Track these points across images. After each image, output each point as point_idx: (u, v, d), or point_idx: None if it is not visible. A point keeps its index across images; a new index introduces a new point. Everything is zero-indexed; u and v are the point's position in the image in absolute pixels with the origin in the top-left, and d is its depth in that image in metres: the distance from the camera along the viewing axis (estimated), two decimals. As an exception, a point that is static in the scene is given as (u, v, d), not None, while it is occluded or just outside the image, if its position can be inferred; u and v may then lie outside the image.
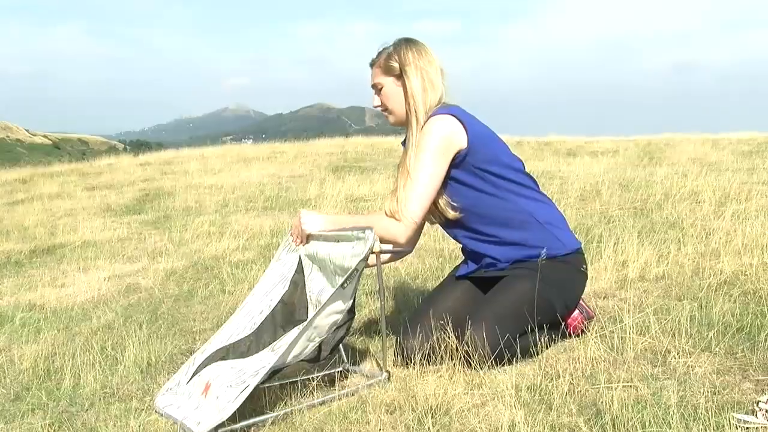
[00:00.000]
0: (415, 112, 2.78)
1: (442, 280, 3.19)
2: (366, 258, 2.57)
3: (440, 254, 4.44)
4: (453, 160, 2.74)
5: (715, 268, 3.58)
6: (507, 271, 2.85)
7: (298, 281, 2.93)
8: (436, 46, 2.96)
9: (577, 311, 2.90)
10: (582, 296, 2.94)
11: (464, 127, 2.74)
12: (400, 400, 2.39)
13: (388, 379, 2.61)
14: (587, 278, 2.95)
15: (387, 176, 8.43)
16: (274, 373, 2.49)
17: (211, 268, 4.58)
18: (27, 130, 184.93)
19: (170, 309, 3.76)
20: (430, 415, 2.25)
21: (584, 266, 2.92)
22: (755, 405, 2.13)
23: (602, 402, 2.27)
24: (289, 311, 2.89)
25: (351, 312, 2.66)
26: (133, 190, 8.94)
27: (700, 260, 3.79)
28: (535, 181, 2.93)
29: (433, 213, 2.88)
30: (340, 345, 2.72)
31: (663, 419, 2.11)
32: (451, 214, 2.83)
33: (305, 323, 2.53)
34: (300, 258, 2.95)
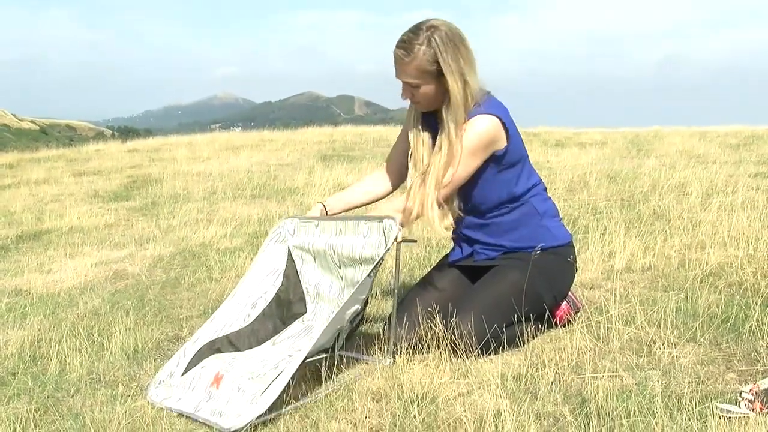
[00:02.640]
0: (453, 119, 2.69)
1: (429, 269, 3.19)
2: (390, 248, 2.59)
3: (427, 243, 4.45)
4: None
5: (701, 260, 3.60)
6: (497, 260, 2.86)
7: (290, 275, 2.93)
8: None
9: (564, 302, 2.91)
10: (570, 288, 2.96)
11: (506, 130, 2.75)
12: (386, 388, 2.39)
13: (392, 364, 2.61)
14: (576, 271, 2.97)
15: (375, 165, 8.40)
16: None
17: (199, 256, 4.57)
18: (14, 115, 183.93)
19: (157, 296, 3.75)
20: (416, 404, 2.26)
21: (574, 259, 2.94)
22: (738, 395, 2.15)
23: (587, 391, 2.29)
24: (287, 305, 2.90)
25: (366, 300, 2.68)
26: (120, 177, 8.90)
27: (686, 252, 3.81)
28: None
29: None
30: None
31: (647, 409, 2.13)
32: (455, 210, 2.83)
33: (337, 312, 2.51)
34: (289, 249, 2.95)
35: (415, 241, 3.02)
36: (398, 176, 3.08)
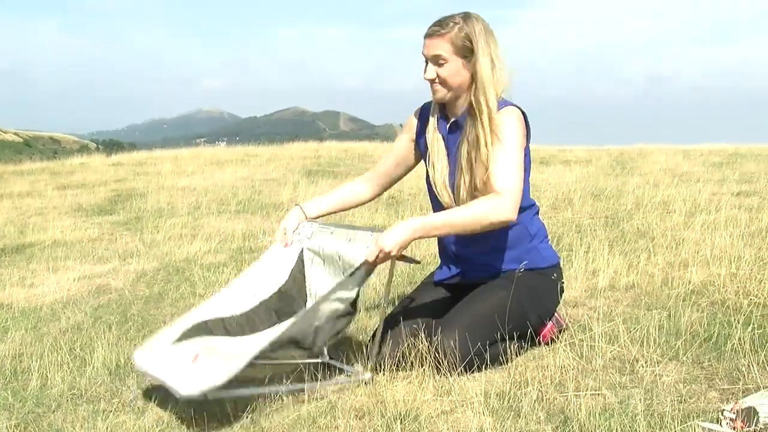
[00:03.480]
0: (486, 99, 2.65)
1: (415, 286, 3.19)
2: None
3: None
4: None
5: (684, 278, 3.62)
6: (484, 279, 2.86)
7: (296, 274, 2.93)
8: (413, 54, 2.93)
9: (549, 321, 2.92)
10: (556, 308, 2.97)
11: (527, 127, 2.76)
12: (369, 405, 2.39)
13: (372, 380, 2.60)
14: (563, 292, 2.97)
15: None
16: (265, 357, 2.47)
17: (182, 271, 4.56)
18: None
19: (140, 311, 3.74)
20: (399, 421, 2.26)
21: (561, 280, 2.95)
22: (720, 413, 2.16)
23: (570, 410, 2.29)
24: (287, 302, 2.89)
25: (353, 306, 2.65)
26: (105, 190, 8.87)
27: (669, 270, 3.83)
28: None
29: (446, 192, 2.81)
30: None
31: (630, 427, 2.14)
32: (447, 198, 2.79)
33: (310, 307, 2.52)
34: (302, 251, 2.96)
35: (418, 262, 2.97)
36: (382, 186, 3.08)
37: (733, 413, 2.12)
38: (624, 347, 2.78)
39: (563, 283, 2.97)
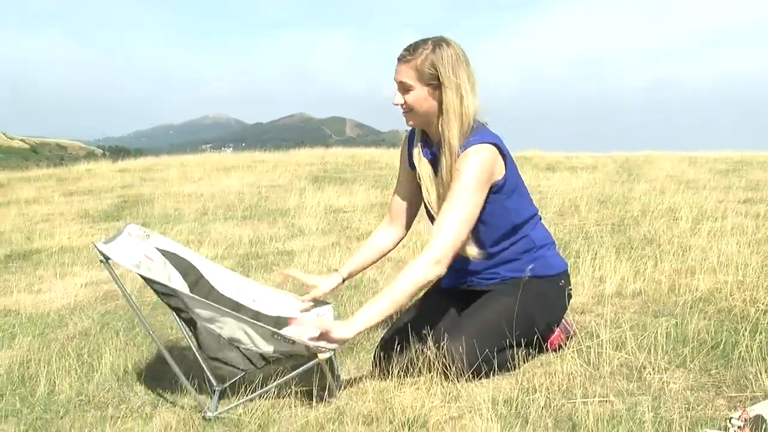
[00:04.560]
0: (449, 132, 2.63)
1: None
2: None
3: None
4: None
5: (691, 285, 3.61)
6: (491, 286, 2.87)
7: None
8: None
9: (557, 328, 2.92)
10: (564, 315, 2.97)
11: (504, 159, 2.72)
12: (377, 411, 2.39)
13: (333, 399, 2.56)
14: (570, 298, 2.97)
15: (367, 188, 8.42)
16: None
17: (189, 277, 4.56)
18: (4, 134, 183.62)
19: (147, 317, 3.74)
20: (407, 427, 2.26)
21: (569, 288, 2.95)
22: (728, 421, 2.16)
23: (578, 416, 2.29)
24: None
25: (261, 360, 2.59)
26: (111, 197, 8.89)
27: (676, 277, 3.82)
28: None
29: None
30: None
31: (637, 434, 2.13)
32: (475, 251, 2.76)
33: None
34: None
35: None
36: (405, 223, 3.07)
37: (741, 421, 2.12)
38: (631, 354, 2.77)
39: (571, 289, 2.97)
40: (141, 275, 2.41)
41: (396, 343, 2.76)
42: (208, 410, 2.47)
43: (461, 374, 2.60)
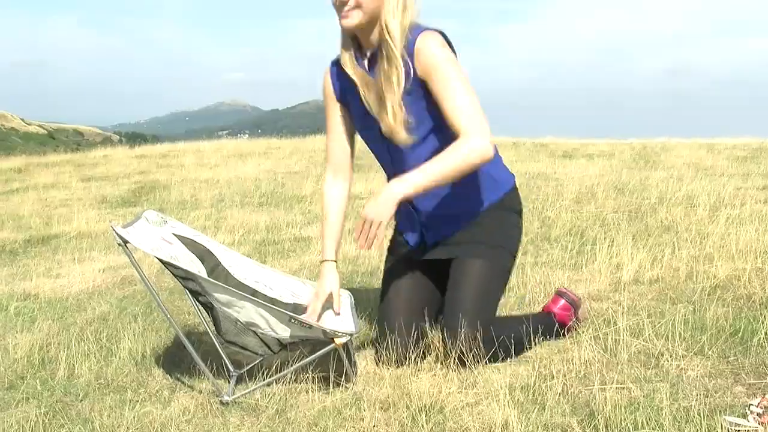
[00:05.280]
0: (393, 26, 2.50)
1: (384, 268, 3.05)
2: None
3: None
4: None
5: (709, 273, 3.60)
6: (452, 247, 2.80)
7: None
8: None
9: (563, 301, 2.91)
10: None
11: (451, 47, 2.60)
12: (394, 397, 2.40)
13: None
14: (522, 214, 2.93)
15: (382, 174, 8.38)
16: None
17: (206, 262, 4.58)
18: (22, 119, 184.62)
19: (165, 302, 3.75)
20: (424, 413, 2.26)
21: (520, 205, 2.90)
22: (746, 408, 2.15)
23: (595, 403, 2.28)
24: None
25: (278, 345, 2.62)
26: (128, 182, 8.94)
27: (694, 264, 3.80)
28: None
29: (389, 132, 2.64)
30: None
31: (655, 421, 2.13)
32: (403, 134, 2.61)
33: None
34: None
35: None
36: (347, 170, 2.95)
37: (761, 408, 2.11)
38: (649, 341, 2.77)
39: (522, 206, 2.92)
40: (159, 258, 2.42)
41: (395, 335, 2.73)
42: (226, 394, 2.49)
43: (480, 359, 2.59)
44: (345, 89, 2.77)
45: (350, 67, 2.65)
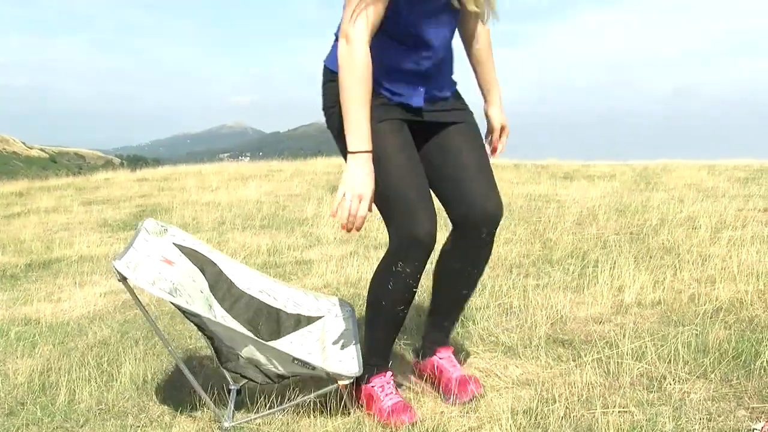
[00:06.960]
0: None
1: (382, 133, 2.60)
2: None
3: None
4: None
5: (711, 295, 3.59)
6: (451, 111, 2.63)
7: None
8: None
9: None
10: None
11: None
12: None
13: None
14: None
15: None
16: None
17: (208, 286, 4.57)
18: (24, 143, 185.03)
19: (166, 326, 3.75)
20: (426, 438, 2.26)
21: None
22: (750, 433, 2.15)
23: (597, 427, 2.28)
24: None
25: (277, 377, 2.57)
26: (130, 206, 8.94)
27: (696, 286, 3.80)
28: None
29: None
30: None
31: (658, 445, 2.12)
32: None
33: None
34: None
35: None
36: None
37: (764, 432, 2.10)
38: (651, 364, 2.76)
39: None
40: (159, 296, 2.38)
41: (420, 209, 2.42)
42: (226, 420, 2.47)
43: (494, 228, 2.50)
44: None
45: None
